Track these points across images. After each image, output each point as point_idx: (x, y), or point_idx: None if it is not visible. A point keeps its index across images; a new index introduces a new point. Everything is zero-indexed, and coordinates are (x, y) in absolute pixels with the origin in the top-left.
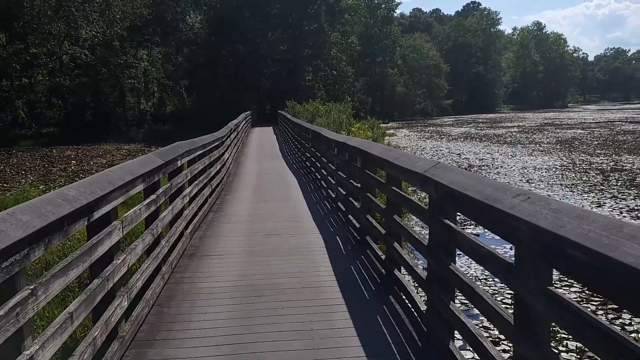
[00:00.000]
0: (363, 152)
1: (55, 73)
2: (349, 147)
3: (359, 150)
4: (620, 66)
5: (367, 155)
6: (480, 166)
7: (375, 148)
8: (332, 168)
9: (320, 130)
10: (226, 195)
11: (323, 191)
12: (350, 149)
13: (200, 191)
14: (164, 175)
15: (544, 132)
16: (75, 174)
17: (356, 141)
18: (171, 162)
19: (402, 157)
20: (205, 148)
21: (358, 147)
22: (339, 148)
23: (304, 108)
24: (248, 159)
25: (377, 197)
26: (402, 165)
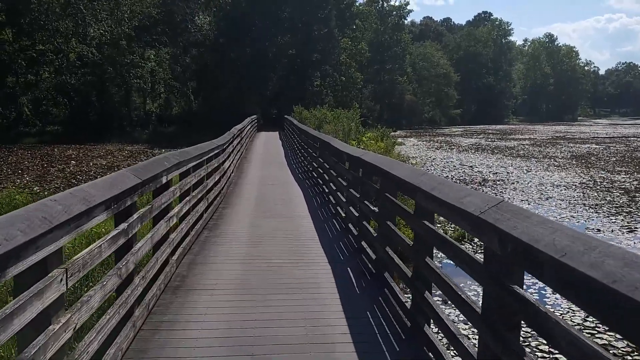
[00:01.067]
0: (383, 172)
1: (62, 71)
2: (365, 163)
3: (378, 170)
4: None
5: (389, 176)
6: (495, 181)
7: (400, 169)
8: (342, 183)
9: (330, 140)
10: (225, 209)
11: (331, 207)
12: (367, 165)
13: (194, 207)
14: (141, 196)
15: (557, 146)
16: (72, 175)
17: (373, 157)
18: (152, 180)
19: (442, 186)
20: (202, 158)
21: (378, 166)
22: (352, 162)
23: (311, 114)
24: (252, 166)
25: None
26: (442, 198)
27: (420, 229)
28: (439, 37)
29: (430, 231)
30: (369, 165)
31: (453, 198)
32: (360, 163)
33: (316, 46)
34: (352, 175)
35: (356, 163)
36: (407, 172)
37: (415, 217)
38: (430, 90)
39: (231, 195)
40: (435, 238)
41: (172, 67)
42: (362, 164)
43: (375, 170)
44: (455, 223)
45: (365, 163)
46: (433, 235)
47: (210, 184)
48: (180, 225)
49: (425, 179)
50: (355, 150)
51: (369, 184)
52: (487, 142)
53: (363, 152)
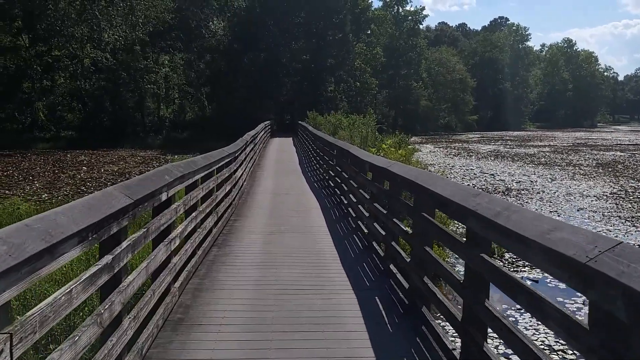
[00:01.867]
0: (420, 187)
1: (76, 76)
2: (393, 175)
3: (412, 184)
4: None
5: (427, 193)
6: (519, 190)
7: (443, 186)
8: (364, 196)
9: (349, 148)
10: (235, 222)
11: (351, 221)
12: (396, 178)
13: (202, 223)
14: (134, 219)
15: (580, 154)
16: (82, 182)
17: (402, 168)
18: (148, 198)
19: (510, 212)
20: (211, 168)
21: (412, 180)
22: (376, 174)
23: (325, 119)
24: (265, 173)
25: (434, 247)
26: (514, 230)
27: (474, 262)
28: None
29: (489, 266)
30: (399, 178)
31: (533, 232)
32: (388, 175)
33: (330, 51)
34: (377, 187)
35: (382, 174)
36: (453, 190)
37: (467, 247)
38: (446, 96)
39: (243, 206)
40: (497, 276)
41: (186, 73)
42: (389, 176)
43: (407, 185)
44: (538, 266)
45: (394, 175)
46: (493, 271)
47: (220, 196)
48: (184, 246)
49: (484, 201)
50: (379, 159)
51: (399, 200)
52: (506, 149)
53: (389, 163)
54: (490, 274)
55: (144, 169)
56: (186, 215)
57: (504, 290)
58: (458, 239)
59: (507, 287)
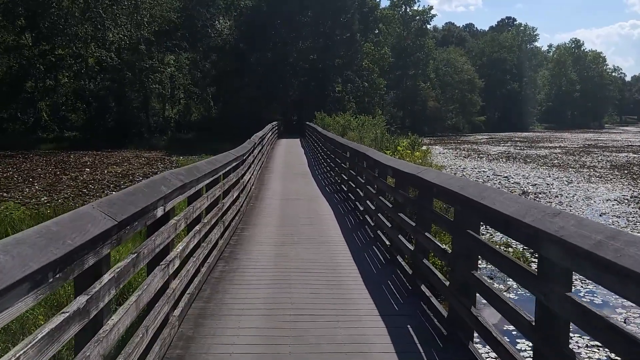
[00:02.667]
0: (469, 201)
1: (80, 76)
2: (427, 184)
3: (453, 195)
4: None
5: (479, 209)
6: (536, 193)
7: (502, 201)
8: (385, 204)
9: (365, 151)
10: (243, 231)
11: (369, 230)
12: (431, 188)
13: (206, 236)
14: (119, 244)
15: (592, 155)
16: (84, 184)
17: (438, 176)
18: (138, 217)
19: (628, 245)
20: (217, 173)
21: (456, 192)
22: (401, 180)
23: (334, 120)
24: (273, 176)
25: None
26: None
27: (551, 301)
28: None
29: (575, 309)
30: (435, 187)
31: None
32: (417, 182)
33: (338, 51)
34: (402, 196)
35: (408, 181)
36: (521, 208)
37: (541, 282)
38: (453, 97)
39: (251, 213)
40: (585, 319)
41: (192, 73)
42: (420, 183)
43: (447, 196)
44: None
45: (428, 184)
46: (580, 314)
47: (227, 204)
48: (186, 265)
49: (569, 224)
50: (405, 165)
51: (432, 212)
52: (517, 151)
53: (419, 168)
54: (577, 317)
55: (148, 170)
56: (188, 229)
57: (600, 340)
58: (526, 269)
59: (603, 336)
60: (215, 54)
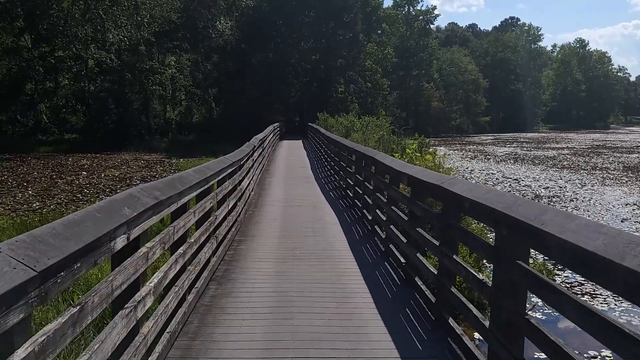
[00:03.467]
0: (520, 224)
1: (80, 77)
2: (455, 197)
3: (502, 217)
4: None
5: (540, 235)
6: (550, 197)
7: (578, 230)
8: (399, 215)
9: (374, 155)
10: (240, 244)
11: (379, 243)
12: (462, 202)
13: (194, 257)
14: (40, 305)
15: (602, 156)
16: (79, 189)
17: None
18: (79, 257)
19: None
20: (209, 182)
21: (500, 211)
22: (420, 190)
23: (337, 121)
24: (274, 180)
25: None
26: None
27: None
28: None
29: None
30: (467, 202)
31: None
32: (441, 194)
33: (341, 51)
34: (421, 208)
35: (428, 192)
36: (601, 241)
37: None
38: (457, 97)
39: (250, 222)
40: None
41: (193, 74)
42: (444, 195)
43: (483, 214)
44: None
45: (459, 199)
46: None
47: (221, 215)
48: (165, 300)
49: None
50: (424, 172)
51: (464, 232)
52: (524, 152)
53: (441, 178)
54: None
55: (146, 173)
56: (172, 250)
57: None
58: (617, 326)
59: None
60: (217, 54)
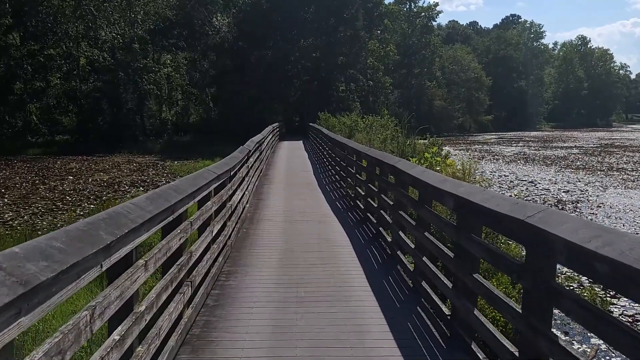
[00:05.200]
0: None
1: (71, 77)
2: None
3: None
4: None
5: None
6: (574, 203)
7: None
8: (443, 252)
9: (395, 163)
10: (229, 278)
11: (405, 276)
12: (585, 255)
13: (146, 332)
14: None
15: (614, 155)
16: (62, 196)
17: (578, 227)
18: None
19: None
20: (180, 208)
21: None
22: (474, 217)
23: (339, 121)
24: (273, 189)
25: None
26: None
27: None
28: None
29: None
30: (590, 254)
31: None
32: (537, 240)
33: (341, 49)
34: (485, 248)
35: (501, 227)
36: None
37: None
38: (460, 96)
39: (243, 245)
40: None
41: (190, 73)
42: (542, 243)
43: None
44: None
45: (574, 250)
46: None
47: (200, 249)
48: None
49: None
50: (495, 198)
51: (540, 274)
52: (532, 151)
53: (521, 207)
54: None
55: (137, 177)
56: (110, 326)
57: None
58: None
59: None
60: (214, 52)
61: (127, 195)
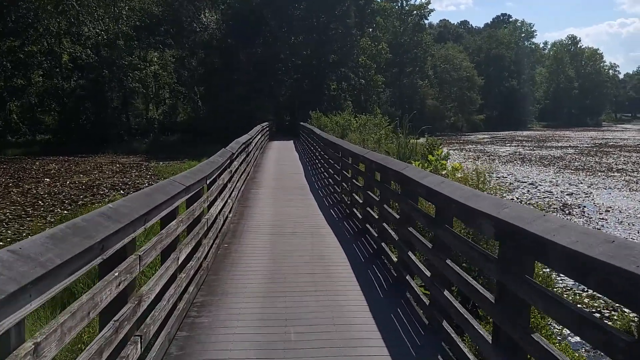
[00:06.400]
0: None
1: (53, 74)
2: None
3: None
4: None
5: None
6: (580, 207)
7: None
8: (473, 288)
9: (402, 169)
10: (201, 313)
11: (415, 304)
12: None
13: None
14: None
15: (611, 155)
16: (34, 200)
17: None
18: None
19: None
20: (124, 239)
21: None
22: (531, 251)
23: (331, 120)
24: (261, 194)
25: None
26: None
27: None
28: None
29: None
30: None
31: None
32: None
33: (333, 46)
34: (530, 287)
35: (595, 272)
36: None
37: None
38: (452, 95)
39: (222, 266)
40: None
41: (178, 71)
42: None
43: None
44: None
45: None
46: None
47: (158, 287)
48: None
49: None
50: (546, 225)
51: None
52: (527, 151)
53: (616, 247)
54: None
55: (118, 180)
56: None
57: None
58: None
59: None
60: (202, 50)
61: (105, 200)
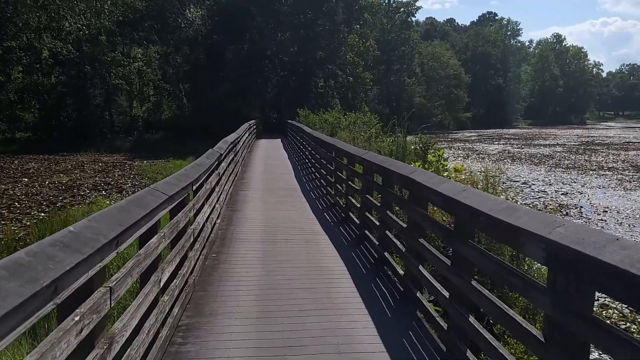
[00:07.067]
0: None
1: (33, 70)
2: None
3: None
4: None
5: None
6: (577, 207)
7: None
8: (516, 324)
9: (409, 173)
10: (187, 339)
11: (428, 325)
12: None
13: None
14: None
15: (599, 154)
16: (9, 202)
17: None
18: None
19: None
20: (88, 272)
21: None
22: (597, 282)
23: (320, 118)
24: (250, 196)
25: None
26: None
27: None
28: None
29: None
30: None
31: None
32: None
33: (320, 43)
34: (590, 322)
35: None
36: None
37: None
38: (439, 93)
39: (210, 280)
40: None
41: (163, 68)
42: None
43: None
44: None
45: None
46: None
47: (135, 320)
48: None
49: None
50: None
51: None
52: (516, 149)
53: None
54: None
55: (100, 179)
56: None
57: None
58: None
59: None
60: (187, 46)
61: (86, 201)
